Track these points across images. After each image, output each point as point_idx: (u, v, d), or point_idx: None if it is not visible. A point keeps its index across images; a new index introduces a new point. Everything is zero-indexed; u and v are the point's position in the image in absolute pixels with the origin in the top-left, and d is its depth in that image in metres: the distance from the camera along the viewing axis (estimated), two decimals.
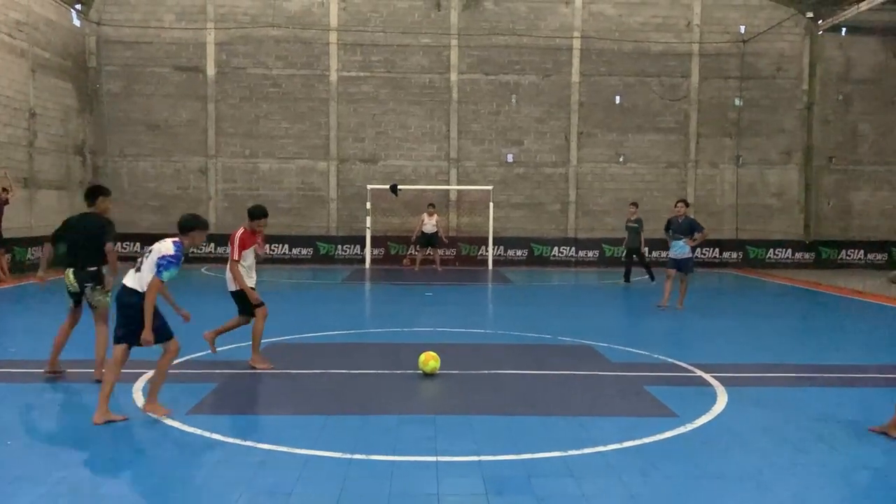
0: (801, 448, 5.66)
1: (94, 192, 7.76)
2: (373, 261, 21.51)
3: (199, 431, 5.76)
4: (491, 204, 21.10)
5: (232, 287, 8.08)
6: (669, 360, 8.71)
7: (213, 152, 21.82)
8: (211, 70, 21.68)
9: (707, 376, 7.89)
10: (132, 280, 6.07)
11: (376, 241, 21.63)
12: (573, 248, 22.42)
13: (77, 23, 20.83)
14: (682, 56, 22.19)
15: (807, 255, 22.37)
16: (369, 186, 21.06)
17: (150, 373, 7.48)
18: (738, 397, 7.08)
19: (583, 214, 22.57)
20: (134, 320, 5.93)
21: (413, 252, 20.55)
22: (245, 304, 8.10)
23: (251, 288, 8.04)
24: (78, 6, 20.89)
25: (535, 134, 22.33)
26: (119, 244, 20.62)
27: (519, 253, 22.34)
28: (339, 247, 21.91)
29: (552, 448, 5.49)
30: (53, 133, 19.70)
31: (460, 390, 7.30)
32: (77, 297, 7.42)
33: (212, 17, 21.57)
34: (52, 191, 19.61)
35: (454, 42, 21.95)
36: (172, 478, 4.95)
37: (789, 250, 22.46)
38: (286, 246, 21.53)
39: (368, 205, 21.00)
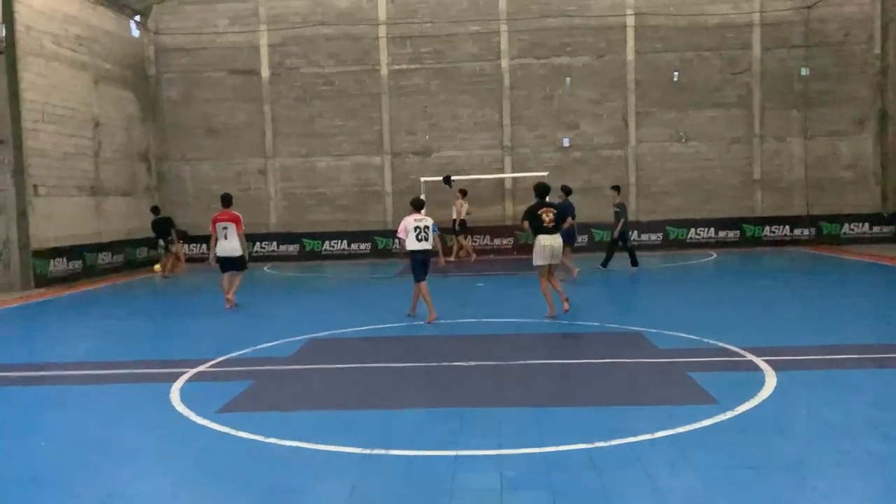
0: (850, 436, 5.28)
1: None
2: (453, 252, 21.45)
3: (224, 429, 5.79)
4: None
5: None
6: (721, 344, 8.32)
7: (270, 153, 22.18)
8: (265, 72, 22.02)
9: (759, 360, 7.50)
10: None
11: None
12: (635, 232, 21.82)
13: (136, 33, 21.50)
14: (742, 27, 21.29)
15: (885, 229, 21.16)
16: (422, 179, 21.01)
17: (191, 372, 7.64)
18: (789, 382, 6.70)
19: (643, 197, 21.97)
20: None
21: (460, 242, 20.52)
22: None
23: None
24: (137, 17, 21.55)
25: (591, 116, 21.85)
26: (186, 245, 21.43)
27: (580, 239, 21.86)
28: (396, 240, 21.90)
29: (578, 440, 5.28)
30: (118, 141, 20.37)
31: (493, 382, 7.15)
32: None
33: (264, 19, 21.89)
34: (119, 197, 20.30)
35: (504, 27, 21.66)
36: (188, 477, 4.98)
37: (866, 224, 21.29)
38: (344, 242, 21.71)
39: (422, 196, 20.89)
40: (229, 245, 12.44)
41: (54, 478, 4.99)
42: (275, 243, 22.04)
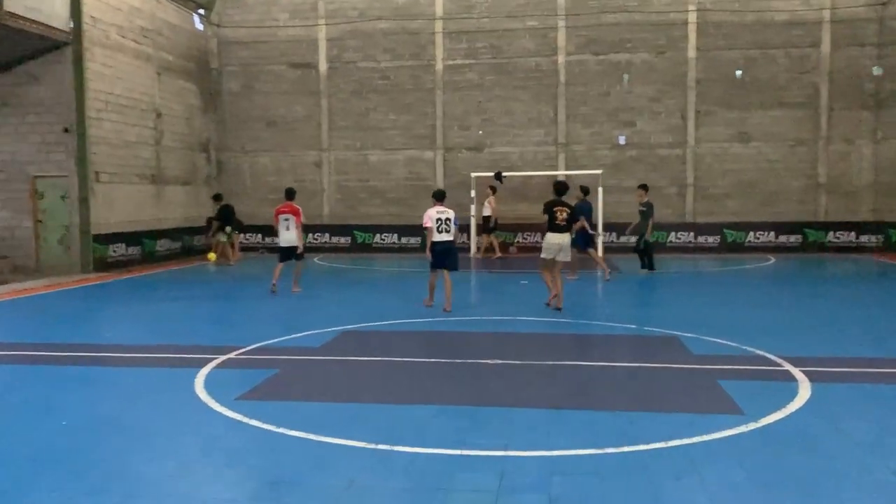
0: (878, 453, 5.01)
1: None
2: (479, 248, 21.39)
3: (237, 416, 5.86)
4: (600, 189, 20.36)
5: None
6: (760, 352, 8.01)
7: (326, 146, 22.42)
8: (323, 66, 22.26)
9: (796, 370, 7.19)
10: None
11: (484, 230, 21.46)
12: (691, 234, 21.31)
13: (200, 26, 22.01)
14: (811, 24, 20.48)
15: None
16: (473, 174, 20.92)
17: (222, 359, 7.76)
18: (824, 394, 6.40)
19: (701, 198, 21.38)
20: None
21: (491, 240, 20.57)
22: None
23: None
24: (201, 11, 22.07)
25: (649, 114, 21.37)
26: (243, 235, 21.90)
27: (633, 239, 21.45)
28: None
29: (589, 445, 5.15)
30: (178, 132, 20.91)
31: (512, 382, 7.04)
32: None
33: (322, 13, 22.13)
34: (178, 186, 20.84)
35: (561, 23, 21.36)
36: (190, 461, 5.04)
37: None
38: (395, 235, 21.80)
39: (472, 193, 20.88)
40: (290, 235, 13.19)
41: (61, 456, 5.11)
42: (327, 235, 22.31)
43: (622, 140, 21.42)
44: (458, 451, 5.07)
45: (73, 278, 15.85)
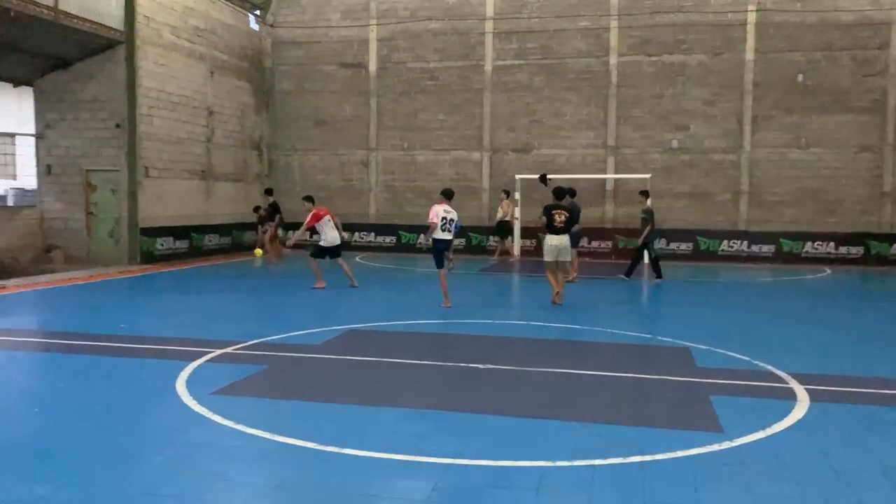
0: (852, 484, 4.62)
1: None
2: (524, 251, 21.14)
3: (202, 410, 5.86)
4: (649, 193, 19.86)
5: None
6: (769, 368, 7.58)
7: (373, 145, 22.55)
8: (373, 66, 22.39)
9: (801, 389, 6.76)
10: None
11: (528, 232, 21.20)
12: (744, 243, 20.51)
13: (255, 26, 22.46)
14: (879, 25, 19.43)
15: None
16: (517, 176, 20.68)
17: (218, 352, 7.83)
18: (820, 415, 5.99)
19: (756, 205, 20.55)
20: None
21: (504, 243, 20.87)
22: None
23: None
24: (256, 11, 22.52)
25: (703, 118, 20.68)
26: (289, 232, 22.19)
27: (683, 246, 20.86)
28: (492, 237, 21.72)
29: (542, 457, 4.93)
30: (230, 129, 21.37)
31: (496, 387, 6.86)
32: None
33: (374, 14, 22.26)
34: (228, 183, 21.29)
35: (614, 23, 20.90)
36: (141, 455, 5.05)
37: None
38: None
39: (517, 194, 20.63)
40: (337, 234, 14.03)
41: (8, 440, 5.21)
42: (373, 234, 22.43)
43: (675, 144, 20.80)
44: (404, 457, 4.93)
45: (117, 269, 16.35)
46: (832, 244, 19.86)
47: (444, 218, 11.15)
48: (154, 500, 4.22)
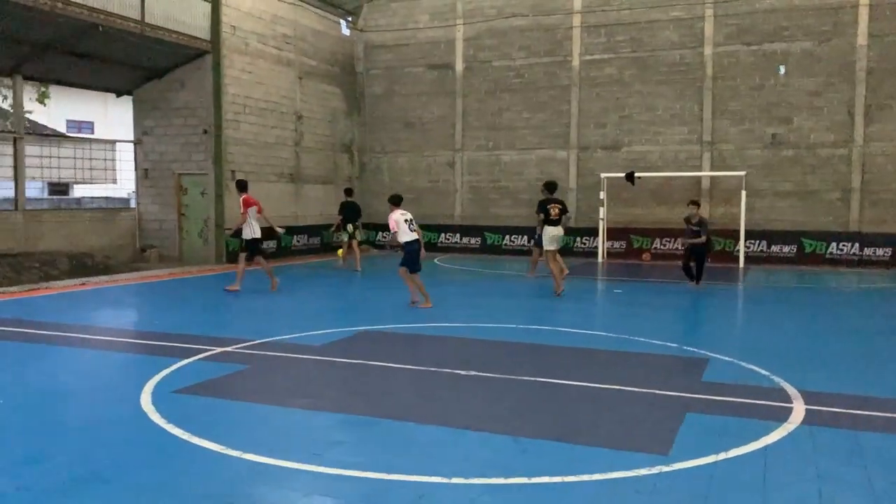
0: None
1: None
2: (611, 254, 20.32)
3: (148, 409, 5.90)
4: (743, 192, 18.55)
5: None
6: (783, 384, 6.76)
7: (459, 146, 22.43)
8: (459, 66, 22.28)
9: (801, 409, 5.99)
10: None
11: (617, 234, 20.39)
12: (856, 245, 18.69)
13: (346, 32, 22.95)
14: None
15: None
16: (603, 175, 19.89)
17: (216, 351, 7.96)
18: (799, 440, 5.26)
19: (870, 205, 18.67)
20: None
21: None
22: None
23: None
24: (348, 17, 23.01)
25: (808, 110, 19.03)
26: (379, 233, 22.57)
27: (786, 249, 19.30)
28: (578, 239, 21.04)
29: (435, 472, 4.60)
30: (320, 133, 21.92)
31: (458, 395, 6.54)
32: None
33: (460, 13, 22.16)
34: (317, 185, 21.86)
35: (709, 12, 19.66)
36: (64, 444, 5.15)
37: None
38: (524, 237, 21.24)
39: (602, 194, 19.85)
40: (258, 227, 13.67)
41: None
42: (458, 235, 22.32)
43: (776, 138, 19.26)
44: (297, 465, 4.73)
45: (199, 268, 17.15)
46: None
47: (406, 220, 11.29)
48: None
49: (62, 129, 35.42)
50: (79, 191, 32.25)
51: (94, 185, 28.51)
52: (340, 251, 20.01)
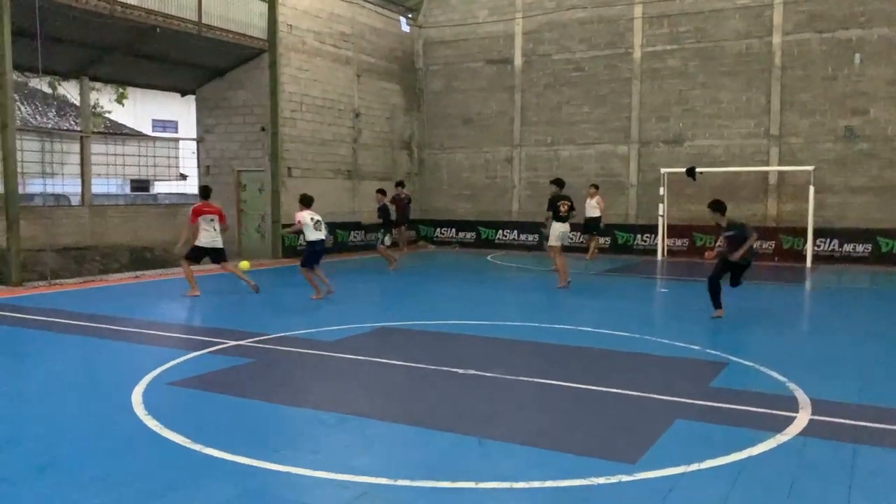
0: None
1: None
2: (673, 252, 19.65)
3: (135, 400, 6.02)
4: (811, 188, 17.58)
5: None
6: (796, 393, 6.33)
7: (517, 141, 22.16)
8: (518, 60, 22.00)
9: (805, 419, 5.59)
10: None
11: (679, 231, 19.69)
12: None
13: (406, 29, 23.01)
14: None
15: None
16: (662, 170, 19.23)
17: (228, 344, 8.09)
18: (792, 451, 4.90)
19: None
20: None
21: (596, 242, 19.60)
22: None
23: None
24: (408, 14, 23.08)
25: (887, 101, 17.85)
26: (437, 229, 22.61)
27: (859, 248, 18.19)
28: (638, 236, 20.45)
29: (383, 473, 4.50)
30: (378, 130, 22.07)
31: (442, 395, 6.42)
32: None
33: (519, 7, 21.86)
34: (375, 181, 21.96)
35: None
36: (44, 431, 5.31)
37: None
38: (578, 234, 20.76)
39: (662, 190, 19.20)
40: (215, 236, 12.61)
41: None
42: (515, 232, 22.05)
43: (851, 131, 18.16)
44: (260, 463, 4.69)
45: (252, 262, 17.52)
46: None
47: (314, 219, 11.90)
48: None
49: (148, 128, 36.99)
50: (158, 187, 33.61)
51: (169, 182, 29.62)
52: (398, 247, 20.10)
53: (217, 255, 12.54)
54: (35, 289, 12.79)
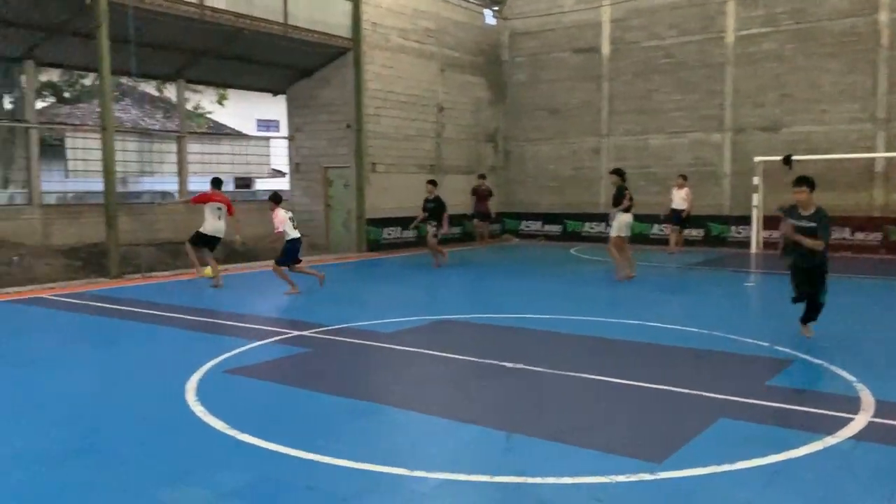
0: None
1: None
2: (770, 244, 18.68)
3: (189, 386, 6.30)
4: None
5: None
6: (863, 394, 5.91)
7: (605, 131, 21.68)
8: (605, 48, 21.51)
9: (864, 420, 5.23)
10: None
11: (776, 222, 18.70)
12: None
13: (491, 21, 22.93)
14: None
15: None
16: (756, 159, 18.34)
17: (292, 334, 8.34)
18: (838, 455, 4.60)
19: None
20: None
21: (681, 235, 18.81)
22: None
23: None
24: (494, 7, 22.99)
25: None
26: (522, 222, 22.51)
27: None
28: (733, 228, 19.61)
29: (403, 464, 4.53)
30: (463, 123, 22.10)
31: (483, 389, 6.38)
32: None
33: None
34: (459, 175, 22.04)
35: None
36: (71, 414, 5.65)
37: None
38: (657, 228, 20.13)
39: (755, 179, 18.32)
40: (220, 225, 13.10)
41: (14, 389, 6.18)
42: (602, 224, 21.55)
43: None
44: (302, 454, 4.82)
45: (337, 256, 17.99)
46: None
47: (290, 218, 12.07)
48: None
49: (252, 127, 38.51)
50: (259, 184, 34.93)
51: (265, 180, 30.69)
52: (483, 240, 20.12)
53: (214, 244, 13.16)
54: (130, 280, 13.57)
